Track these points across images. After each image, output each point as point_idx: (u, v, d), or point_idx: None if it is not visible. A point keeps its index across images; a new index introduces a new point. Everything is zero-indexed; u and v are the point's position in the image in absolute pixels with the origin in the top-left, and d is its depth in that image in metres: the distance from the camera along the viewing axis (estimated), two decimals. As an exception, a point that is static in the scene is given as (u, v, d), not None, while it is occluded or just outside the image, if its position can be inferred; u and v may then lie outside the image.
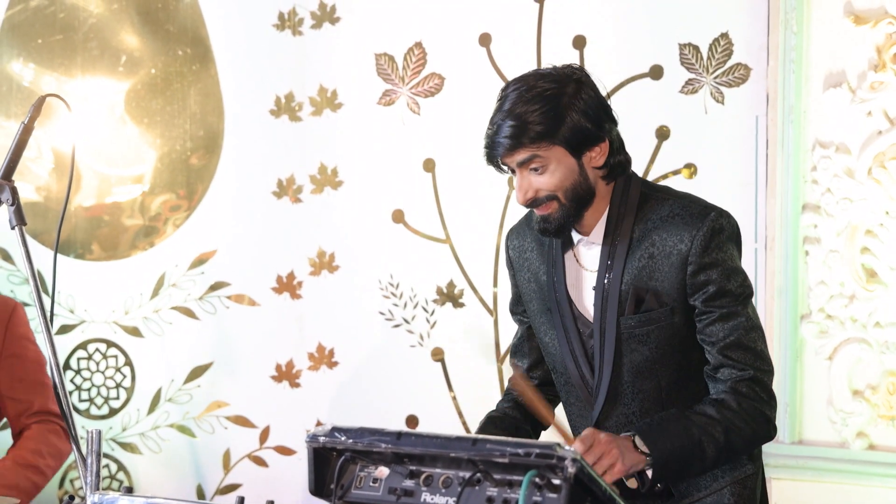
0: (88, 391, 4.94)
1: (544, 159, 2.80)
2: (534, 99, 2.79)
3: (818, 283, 4.03)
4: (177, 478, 4.89)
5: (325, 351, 4.75)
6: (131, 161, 4.90)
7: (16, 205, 2.91)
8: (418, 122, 4.59)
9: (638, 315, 2.84)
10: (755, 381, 2.82)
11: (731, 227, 2.86)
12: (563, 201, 2.83)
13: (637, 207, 2.87)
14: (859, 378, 3.99)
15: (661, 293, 2.83)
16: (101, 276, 4.92)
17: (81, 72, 4.89)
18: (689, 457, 2.76)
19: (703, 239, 2.80)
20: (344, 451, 2.43)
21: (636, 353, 2.87)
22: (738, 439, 2.80)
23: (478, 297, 4.53)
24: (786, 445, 4.04)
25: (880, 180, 3.95)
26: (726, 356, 2.82)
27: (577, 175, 2.83)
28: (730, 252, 2.83)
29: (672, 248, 2.82)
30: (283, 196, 4.77)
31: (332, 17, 4.70)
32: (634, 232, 2.85)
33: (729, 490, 2.90)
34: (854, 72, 3.98)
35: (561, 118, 2.79)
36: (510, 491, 2.28)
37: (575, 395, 2.98)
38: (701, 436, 2.76)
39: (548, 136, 2.78)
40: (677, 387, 2.89)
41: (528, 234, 3.04)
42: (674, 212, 2.84)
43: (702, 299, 2.82)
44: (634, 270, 2.84)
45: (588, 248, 2.92)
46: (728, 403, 2.80)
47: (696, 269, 2.81)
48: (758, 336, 2.85)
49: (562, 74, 2.84)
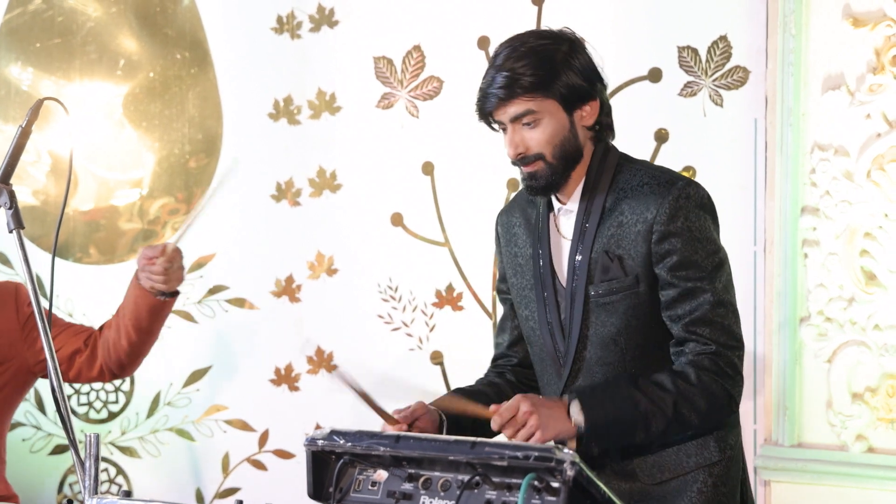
0: (87, 395, 4.94)
1: (537, 113, 2.83)
2: (528, 53, 2.82)
3: (817, 286, 4.03)
4: (176, 481, 4.89)
5: (323, 354, 4.74)
6: (130, 165, 4.90)
7: (13, 208, 2.91)
8: (417, 125, 4.59)
9: (605, 283, 2.84)
10: (719, 355, 2.80)
11: (700, 196, 2.85)
12: (549, 160, 2.85)
13: (612, 177, 2.88)
14: (859, 381, 3.99)
15: (626, 261, 2.83)
16: (99, 280, 4.92)
17: (80, 75, 4.89)
18: (630, 426, 2.76)
19: (669, 207, 2.81)
20: (342, 455, 2.43)
21: (602, 323, 2.86)
22: (690, 413, 2.78)
23: (477, 301, 4.53)
24: (785, 448, 4.03)
25: (879, 183, 3.95)
26: (690, 331, 2.80)
27: (568, 132, 2.86)
28: (698, 222, 2.83)
29: (639, 217, 2.82)
30: (282, 199, 4.77)
31: (331, 21, 4.70)
32: (607, 201, 2.87)
33: (693, 476, 2.88)
34: (853, 74, 3.97)
35: (555, 72, 2.81)
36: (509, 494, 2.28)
37: (548, 370, 2.97)
38: (648, 406, 2.75)
39: (542, 88, 2.81)
40: (642, 359, 2.87)
41: (517, 211, 3.06)
42: (643, 181, 2.86)
43: (666, 268, 2.81)
44: (604, 239, 2.85)
45: (566, 217, 2.93)
46: (686, 375, 2.78)
47: (660, 237, 2.81)
48: (726, 311, 2.83)
49: (556, 34, 2.88)
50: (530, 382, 3.12)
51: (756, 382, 4.13)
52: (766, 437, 4.08)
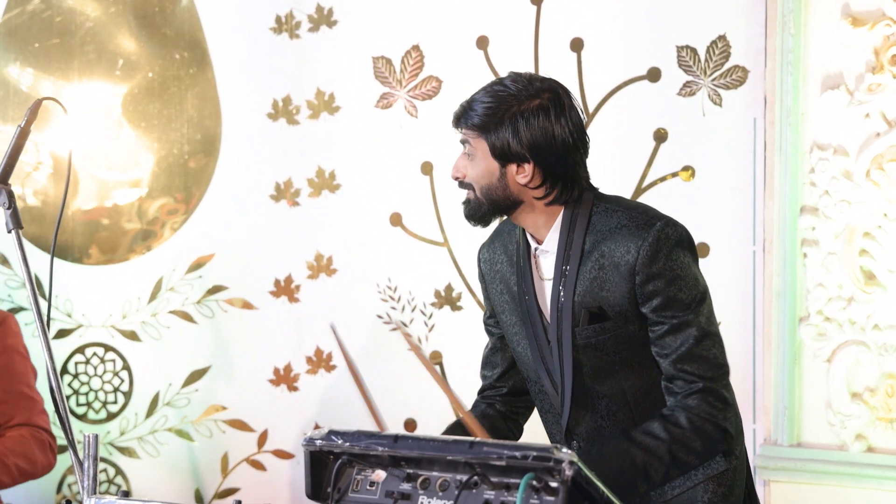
0: (86, 395, 4.94)
1: (472, 148, 2.90)
2: (490, 93, 2.87)
3: (816, 286, 4.03)
4: (175, 482, 4.88)
5: (322, 354, 4.74)
6: (129, 165, 4.90)
7: (12, 208, 2.90)
8: (416, 125, 4.59)
9: (592, 326, 2.85)
10: (706, 391, 2.81)
11: (678, 234, 2.85)
12: (477, 194, 2.91)
13: (588, 218, 2.88)
14: (858, 380, 3.99)
15: (612, 304, 2.84)
16: (98, 281, 4.92)
17: (79, 76, 4.89)
18: (630, 481, 2.75)
19: (650, 249, 2.81)
20: (341, 455, 2.43)
21: (594, 359, 2.88)
22: (687, 456, 2.79)
23: (476, 301, 4.52)
24: (784, 448, 4.03)
25: (878, 182, 3.95)
26: (678, 368, 2.82)
27: (496, 180, 2.88)
28: (679, 260, 2.83)
29: (620, 259, 2.83)
30: (281, 199, 4.77)
31: (330, 21, 4.69)
32: (586, 243, 2.87)
33: (702, 487, 2.90)
34: (852, 74, 3.97)
35: (499, 122, 2.84)
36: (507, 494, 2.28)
37: (548, 403, 2.99)
38: (645, 458, 2.75)
39: (477, 129, 2.87)
40: (641, 388, 2.89)
41: (499, 247, 3.06)
42: (621, 223, 2.85)
43: (651, 309, 2.83)
44: (586, 282, 2.86)
45: (544, 257, 2.94)
46: (677, 420, 2.79)
47: (644, 280, 2.82)
48: (711, 343, 2.84)
49: (539, 88, 2.87)
50: (520, 410, 3.15)
51: (755, 382, 4.13)
52: (766, 437, 4.08)
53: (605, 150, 4.18)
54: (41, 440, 3.96)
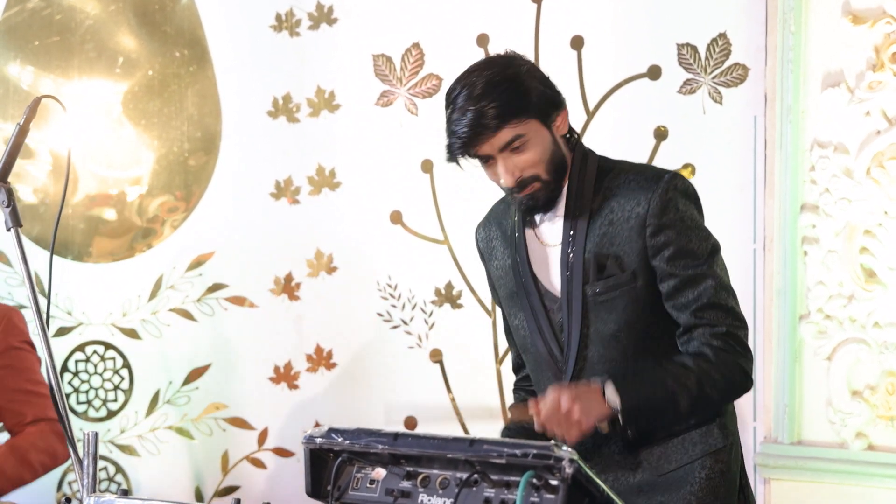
0: (86, 393, 4.94)
1: (524, 135, 2.84)
2: (496, 83, 2.83)
3: (817, 284, 4.03)
4: (175, 480, 4.88)
5: (323, 352, 4.74)
6: (129, 163, 4.90)
7: (12, 206, 2.90)
8: (416, 122, 4.58)
9: (601, 281, 2.87)
10: (729, 335, 2.85)
11: (685, 186, 2.90)
12: (544, 178, 2.88)
13: (595, 179, 2.92)
14: (858, 378, 3.99)
15: (622, 258, 2.87)
16: (98, 278, 4.92)
17: (79, 73, 4.89)
18: (662, 405, 2.80)
19: (659, 200, 2.85)
20: (341, 453, 2.43)
21: (602, 321, 2.89)
22: (712, 390, 2.83)
23: (476, 299, 4.52)
24: (785, 446, 4.03)
25: (879, 180, 3.95)
26: (699, 317, 2.85)
27: (553, 145, 2.88)
28: (688, 211, 2.88)
29: (630, 213, 2.86)
30: (281, 197, 4.77)
31: (330, 18, 4.69)
32: (594, 202, 2.90)
33: (700, 463, 2.91)
34: (852, 71, 3.97)
35: (528, 91, 2.84)
36: (507, 492, 2.28)
37: (545, 375, 2.99)
38: (674, 385, 2.80)
39: (523, 111, 2.83)
40: (642, 353, 2.90)
41: (493, 224, 3.09)
42: (629, 178, 2.90)
43: (663, 259, 2.85)
44: (596, 238, 2.88)
45: (551, 223, 2.95)
46: (705, 355, 2.83)
47: (655, 230, 2.85)
48: (728, 294, 2.88)
49: (508, 58, 2.91)
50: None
51: (756, 380, 4.12)
52: (766, 435, 4.08)
53: (605, 147, 4.14)
54: (59, 432, 3.97)
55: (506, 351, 4.48)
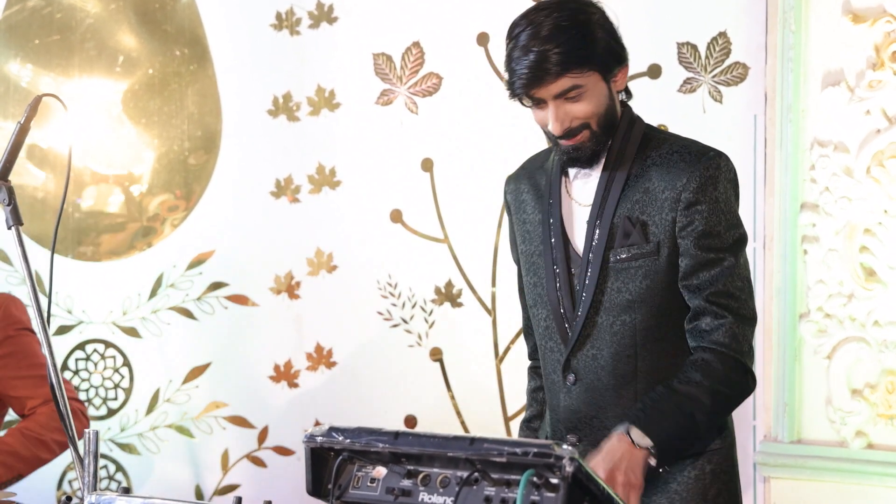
0: (87, 392, 4.94)
1: (583, 87, 2.79)
2: (563, 27, 2.78)
3: (817, 282, 4.03)
4: (175, 478, 4.88)
5: (323, 351, 4.74)
6: (129, 161, 4.90)
7: (12, 205, 2.90)
8: (416, 121, 4.58)
9: (625, 248, 2.83)
10: (734, 327, 2.81)
11: (729, 169, 2.86)
12: (594, 129, 2.83)
13: (639, 144, 2.88)
14: (858, 377, 3.99)
15: (650, 228, 2.83)
16: (98, 277, 4.92)
17: (79, 72, 4.89)
18: (686, 432, 2.77)
19: (700, 176, 2.81)
20: (341, 451, 2.43)
21: (617, 290, 2.85)
22: (723, 401, 2.81)
23: (476, 297, 4.52)
24: (784, 445, 4.03)
25: (879, 179, 3.95)
26: (710, 301, 2.81)
27: (608, 100, 2.84)
28: (725, 194, 2.84)
29: (667, 185, 2.82)
30: (281, 196, 4.77)
31: (330, 17, 4.69)
32: (633, 167, 2.86)
33: (690, 462, 2.86)
34: (852, 70, 3.97)
35: (595, 41, 2.80)
36: (508, 490, 2.28)
37: (553, 336, 2.95)
38: (692, 408, 2.76)
39: (586, 62, 2.78)
40: (651, 331, 2.86)
41: (524, 177, 3.04)
42: (673, 149, 2.86)
43: (690, 236, 2.81)
44: (629, 203, 2.85)
45: (585, 181, 2.91)
46: (712, 364, 2.79)
47: (687, 205, 2.81)
48: (744, 286, 2.84)
49: (582, 2, 2.86)
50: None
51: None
52: (766, 434, 4.08)
53: (605, 146, 4.18)
54: (72, 410, 3.97)
55: (505, 350, 4.48)
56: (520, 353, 4.42)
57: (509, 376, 4.47)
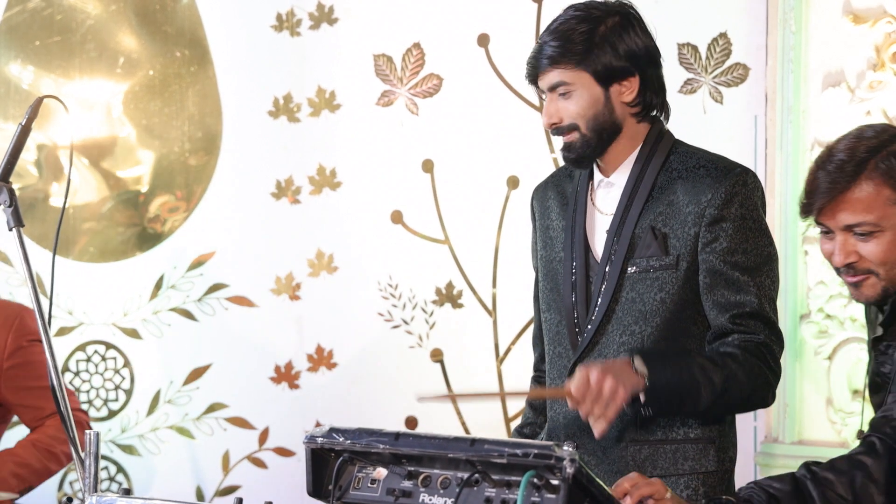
0: (87, 393, 4.94)
1: (570, 85, 2.83)
2: (572, 24, 2.83)
3: (818, 283, 4.03)
4: (176, 479, 4.88)
5: (324, 352, 4.74)
6: (129, 163, 4.90)
7: (13, 206, 2.90)
8: (417, 122, 4.59)
9: (644, 259, 2.82)
10: (765, 346, 2.79)
11: (756, 186, 2.84)
12: (584, 132, 2.85)
13: (666, 156, 2.87)
14: (859, 378, 3.99)
15: (671, 241, 2.81)
16: (99, 278, 4.92)
17: (79, 73, 4.89)
18: (685, 393, 2.73)
19: (725, 192, 2.79)
20: (342, 452, 2.43)
21: (632, 301, 2.84)
22: (736, 392, 2.76)
23: (477, 298, 4.53)
24: (785, 445, 4.03)
25: (879, 180, 3.94)
26: (738, 323, 2.79)
27: (602, 106, 2.85)
28: (753, 212, 2.82)
29: (692, 199, 2.81)
30: (282, 197, 4.77)
31: (331, 18, 4.69)
32: (658, 179, 2.86)
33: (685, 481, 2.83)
34: (853, 71, 3.97)
35: (593, 45, 2.81)
36: (508, 491, 2.27)
37: (561, 343, 2.94)
38: (700, 376, 2.73)
39: (574, 61, 2.82)
40: (660, 343, 2.84)
41: (551, 186, 3.05)
42: (699, 164, 2.85)
43: (714, 253, 2.79)
44: (651, 215, 2.84)
45: (607, 190, 2.92)
46: (736, 356, 2.76)
47: (711, 221, 2.79)
48: (771, 308, 2.81)
49: (609, 6, 2.87)
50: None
51: (756, 380, 4.12)
52: (767, 434, 4.08)
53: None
54: (80, 421, 3.96)
55: (506, 351, 4.48)
56: (520, 353, 4.42)
57: (510, 377, 4.47)
